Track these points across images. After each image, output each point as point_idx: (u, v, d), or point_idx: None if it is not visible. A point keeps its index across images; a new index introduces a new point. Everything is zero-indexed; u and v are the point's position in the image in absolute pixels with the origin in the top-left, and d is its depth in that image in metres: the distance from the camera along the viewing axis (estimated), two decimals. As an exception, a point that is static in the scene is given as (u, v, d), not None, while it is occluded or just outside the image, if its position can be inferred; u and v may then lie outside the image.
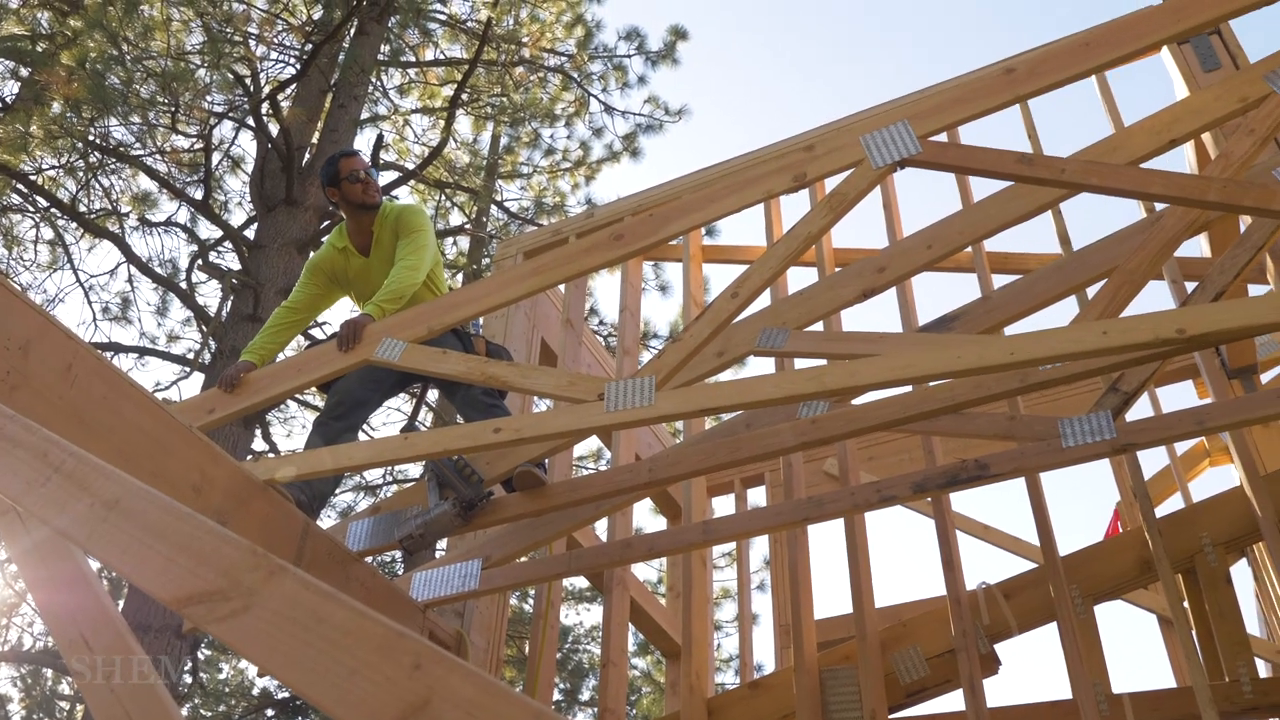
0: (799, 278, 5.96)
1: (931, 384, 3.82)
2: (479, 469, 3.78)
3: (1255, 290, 5.01)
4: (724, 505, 11.36)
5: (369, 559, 4.35)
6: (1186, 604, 3.86)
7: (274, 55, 11.41)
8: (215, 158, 10.90)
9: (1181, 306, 3.86)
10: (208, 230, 11.44)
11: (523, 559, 4.21)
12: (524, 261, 5.42)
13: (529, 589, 6.96)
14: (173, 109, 9.63)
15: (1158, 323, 3.29)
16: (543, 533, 4.01)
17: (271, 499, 3.40)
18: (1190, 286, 4.27)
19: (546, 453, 3.89)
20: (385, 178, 11.72)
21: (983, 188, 4.58)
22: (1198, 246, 5.03)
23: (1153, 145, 3.74)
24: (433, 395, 6.52)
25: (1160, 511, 6.42)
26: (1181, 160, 5.04)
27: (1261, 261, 4.09)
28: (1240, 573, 6.88)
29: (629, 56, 13.42)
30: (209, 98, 10.07)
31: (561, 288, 5.88)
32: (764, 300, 4.73)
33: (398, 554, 6.41)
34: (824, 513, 3.83)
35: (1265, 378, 5.95)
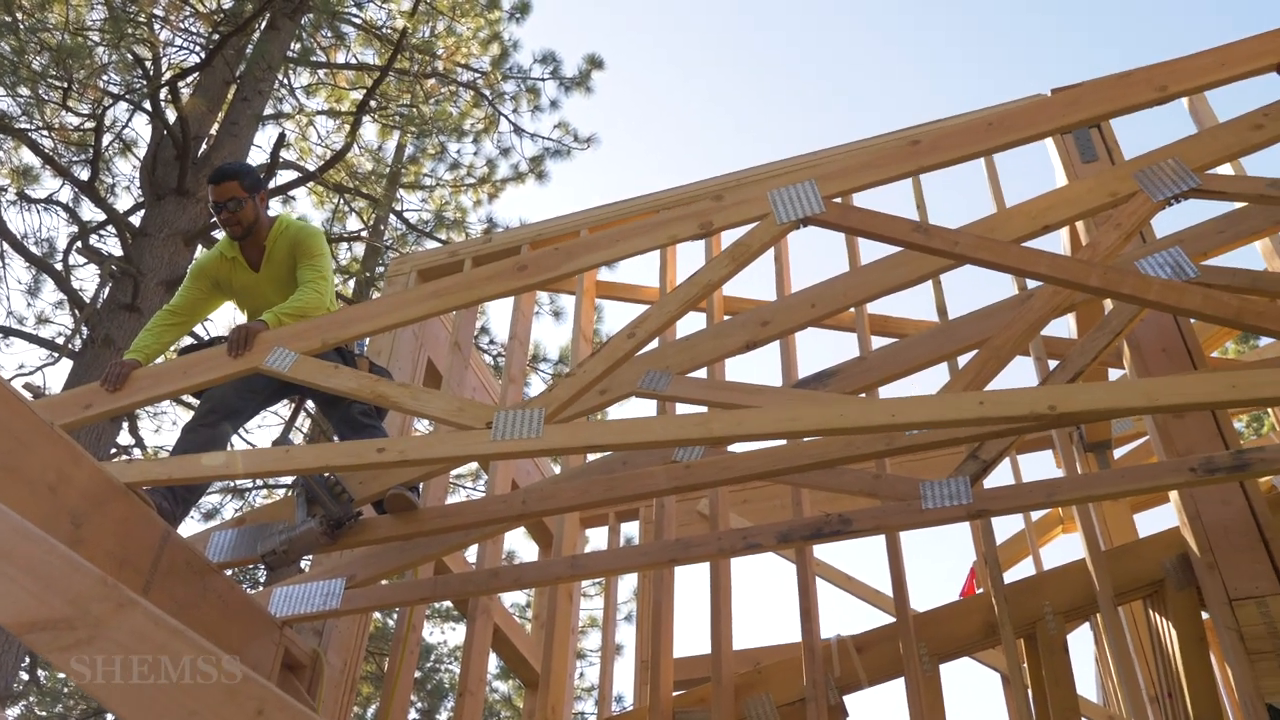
0: (686, 322, 6.04)
1: (805, 439, 3.94)
2: (350, 488, 3.74)
3: (1114, 373, 5.30)
4: (598, 536, 11.36)
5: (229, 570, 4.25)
6: (1026, 667, 4.04)
7: (179, 41, 11.14)
8: (106, 139, 10.54)
9: (1043, 384, 4.06)
10: (91, 212, 11.04)
11: (388, 581, 4.17)
12: (422, 283, 5.40)
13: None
14: (65, 85, 9.29)
15: (1034, 398, 3.47)
16: (410, 556, 3.98)
17: (132, 503, 3.30)
18: (1053, 364, 4.50)
19: (422, 476, 3.87)
20: (284, 176, 11.50)
21: (870, 251, 4.75)
22: (1065, 326, 5.30)
23: (1029, 228, 3.94)
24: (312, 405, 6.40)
25: (1015, 573, 6.75)
26: (1057, 243, 5.31)
27: (1119, 346, 4.31)
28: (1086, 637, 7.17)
29: (543, 80, 13.48)
30: (105, 77, 9.76)
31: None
32: (652, 341, 4.81)
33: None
34: (691, 555, 3.89)
35: (1118, 453, 6.30)
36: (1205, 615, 3.77)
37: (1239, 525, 3.61)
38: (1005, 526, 6.80)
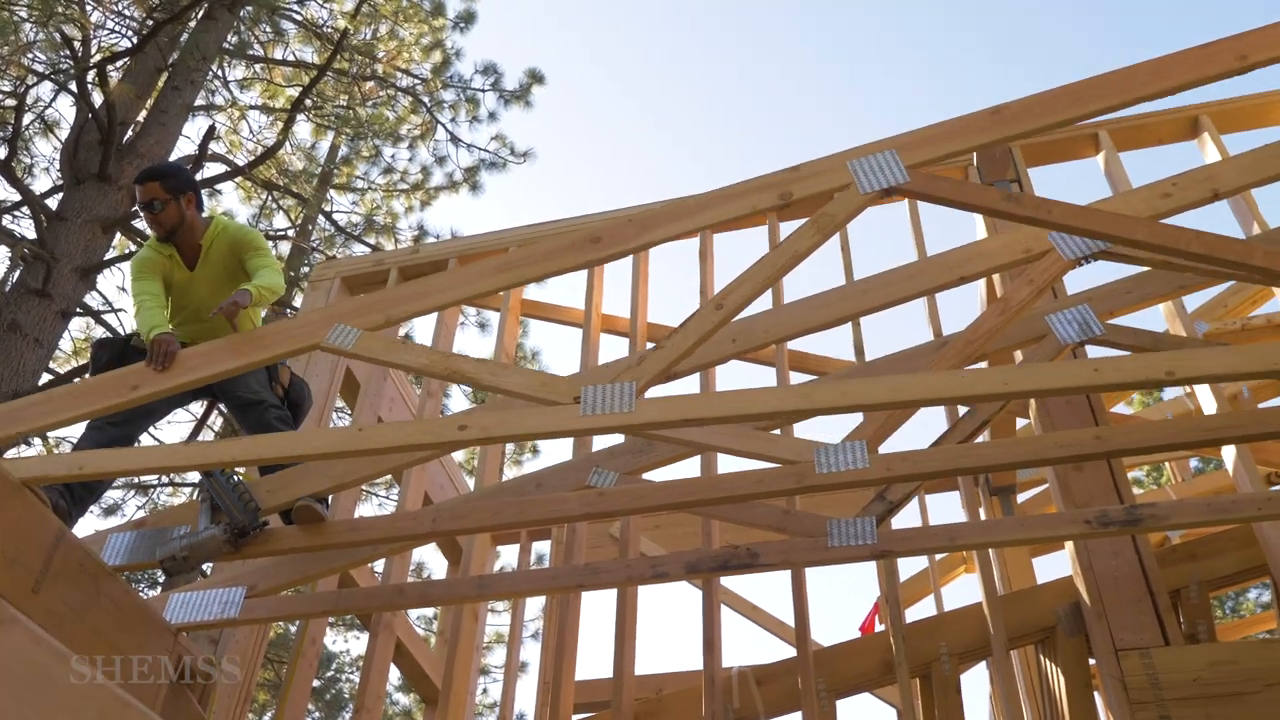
0: (613, 348, 6.07)
1: (719, 474, 3.99)
2: (258, 496, 3.69)
3: (1020, 422, 5.46)
4: (510, 552, 11.26)
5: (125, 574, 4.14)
6: (920, 705, 4.13)
7: (111, 24, 10.88)
8: (27, 118, 10.24)
9: (951, 430, 4.14)
10: (5, 192, 10.71)
11: (290, 592, 4.10)
12: (346, 291, 5.35)
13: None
14: (-13, 59, 9.02)
15: (948, 456, 3.58)
16: (314, 568, 3.93)
17: (26, 501, 3.21)
18: (963, 410, 4.61)
19: (363, 479, 3.83)
20: (212, 169, 11.28)
21: (793, 290, 4.83)
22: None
23: (947, 278, 4.06)
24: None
25: (917, 609, 6.89)
26: (974, 293, 5.45)
27: (1025, 398, 4.44)
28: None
29: (483, 91, 13.45)
30: (31, 55, 9.48)
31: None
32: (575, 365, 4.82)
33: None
34: (599, 581, 3.90)
35: (1022, 497, 6.47)
36: (1093, 663, 3.89)
37: (1128, 577, 3.74)
38: (911, 563, 6.93)
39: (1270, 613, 8.96)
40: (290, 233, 12.71)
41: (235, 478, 3.72)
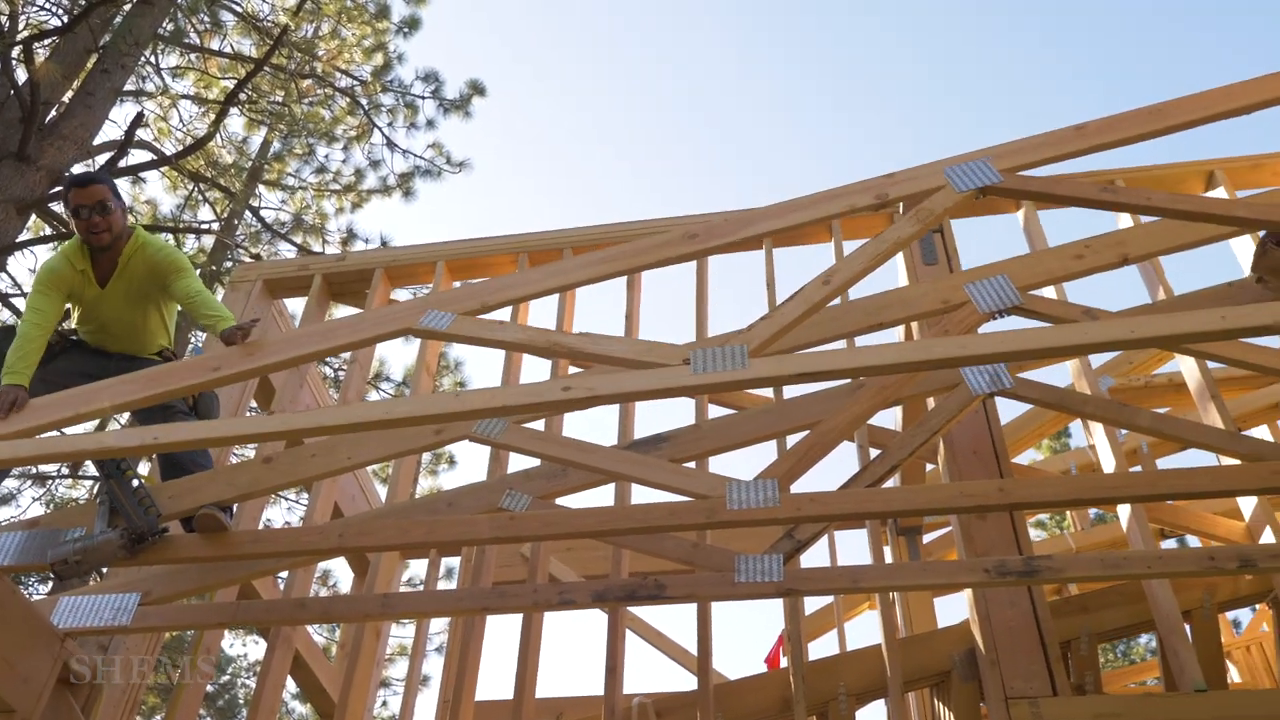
0: (535, 369, 6.04)
1: (631, 505, 4.01)
2: (159, 502, 3.60)
3: (931, 466, 5.57)
4: (419, 565, 11.10)
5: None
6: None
7: (42, 1, 10.57)
8: (-56, 90, 9.89)
9: (862, 472, 4.21)
10: (-84, 164, 10.31)
11: (186, 601, 4.01)
12: (266, 293, 5.26)
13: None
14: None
15: (856, 499, 3.64)
16: (213, 578, 3.85)
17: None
18: (875, 453, 4.69)
19: (246, 494, 3.76)
20: (137, 156, 11.02)
21: (720, 324, 4.88)
22: (892, 417, 5.54)
23: (866, 323, 4.13)
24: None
25: (821, 643, 6.96)
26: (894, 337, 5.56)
27: (937, 443, 4.54)
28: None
29: (423, 98, 13.37)
30: (-47, 25, 9.18)
31: (295, 320, 5.73)
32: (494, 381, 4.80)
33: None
34: (505, 605, 3.88)
35: (929, 537, 6.60)
36: (984, 708, 3.98)
37: (1022, 627, 3.83)
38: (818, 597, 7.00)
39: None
40: (215, 226, 12.45)
41: (137, 481, 3.64)
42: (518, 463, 4.32)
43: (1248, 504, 4.24)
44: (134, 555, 3.53)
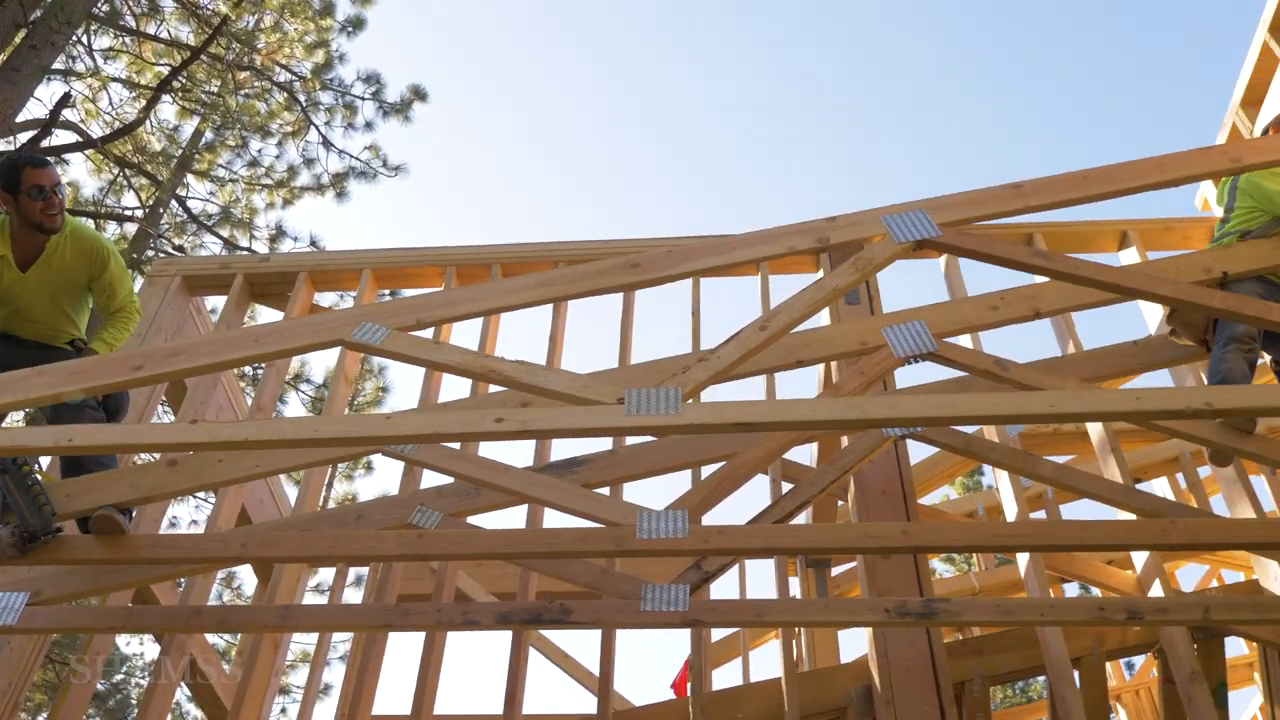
0: (456, 386, 6.01)
1: (543, 529, 4.00)
2: (55, 500, 3.50)
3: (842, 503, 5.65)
4: (326, 572, 10.95)
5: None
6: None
7: (-30, -29, 10.24)
8: None
9: (773, 506, 4.25)
10: None
11: (78, 603, 3.90)
12: (185, 290, 5.16)
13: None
14: None
15: (764, 535, 3.68)
16: (109, 580, 3.75)
17: None
18: (787, 487, 4.75)
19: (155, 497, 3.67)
20: (61, 137, 10.73)
21: (646, 350, 4.91)
22: (808, 453, 5.61)
23: (784, 360, 4.19)
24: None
25: (726, 670, 7.01)
26: (813, 375, 5.64)
27: (848, 481, 4.61)
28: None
29: (363, 99, 13.24)
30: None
31: (212, 321, 5.63)
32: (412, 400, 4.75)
33: None
34: (408, 623, 3.85)
35: (838, 569, 6.69)
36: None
37: (919, 667, 3.90)
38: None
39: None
40: (139, 214, 12.17)
41: (33, 478, 3.53)
42: (432, 477, 4.29)
43: (1140, 556, 4.38)
44: (24, 554, 3.43)
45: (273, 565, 5.65)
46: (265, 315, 11.30)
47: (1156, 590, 4.13)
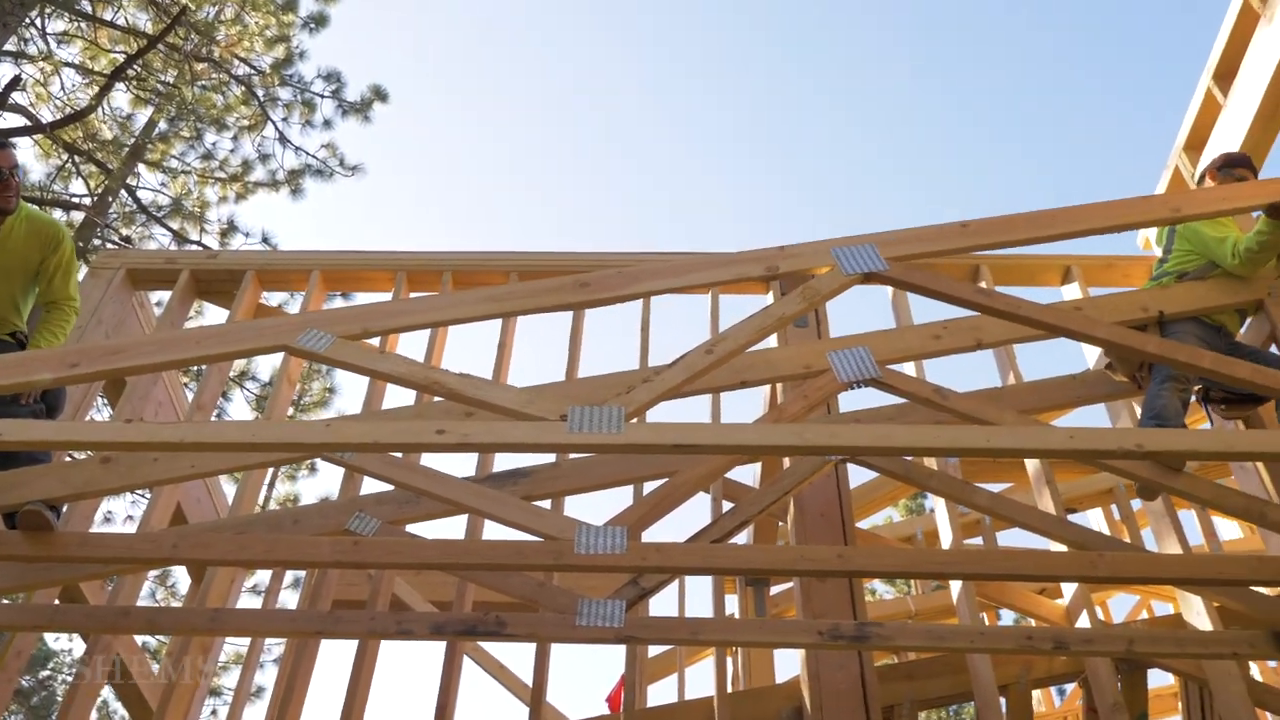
0: (402, 391, 5.97)
1: (482, 539, 3.99)
2: (-19, 495, 3.43)
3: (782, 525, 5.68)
4: (262, 573, 10.76)
5: None
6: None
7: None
8: None
9: (713, 524, 4.27)
10: None
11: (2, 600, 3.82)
12: (128, 283, 5.08)
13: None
14: None
15: (701, 554, 3.70)
16: (36, 578, 3.68)
17: None
18: (728, 505, 4.77)
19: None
20: (9, 120, 10.53)
21: (595, 360, 4.92)
22: (750, 473, 5.65)
23: (730, 380, 4.22)
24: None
25: (662, 686, 7.02)
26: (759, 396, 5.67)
27: (787, 503, 4.65)
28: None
29: (322, 96, 13.14)
30: None
31: (155, 314, 5.55)
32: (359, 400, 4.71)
33: None
34: (340, 631, 3.81)
35: (777, 589, 6.72)
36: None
37: (849, 690, 3.94)
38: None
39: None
40: (86, 202, 11.96)
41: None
42: (373, 483, 4.26)
43: (1069, 586, 4.46)
44: (-54, 548, 3.36)
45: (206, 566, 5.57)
46: (211, 311, 11.16)
47: (1083, 621, 4.22)
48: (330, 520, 4.14)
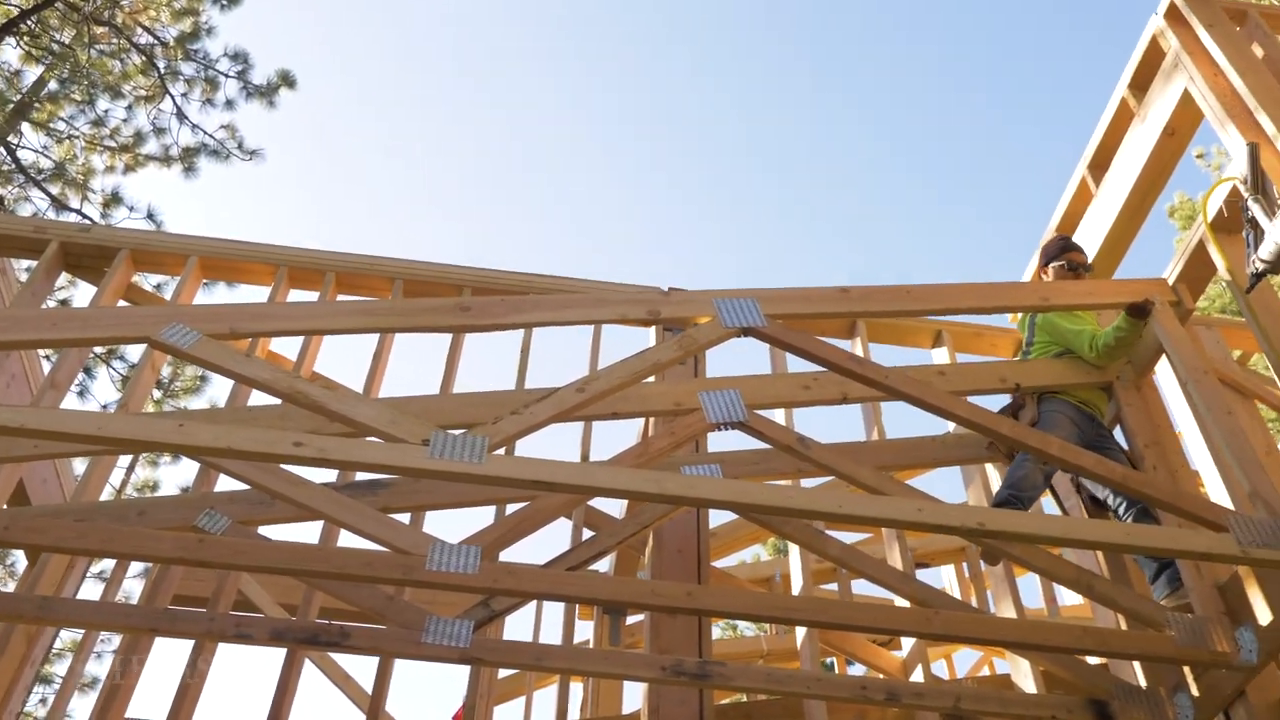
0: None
1: (337, 546, 3.93)
2: None
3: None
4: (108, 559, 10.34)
5: None
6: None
7: None
8: None
9: (571, 551, 4.29)
10: None
11: None
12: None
13: None
14: None
15: (553, 580, 3.72)
16: None
17: None
18: (588, 534, 4.80)
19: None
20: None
21: (473, 376, 4.90)
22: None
23: (603, 410, 4.26)
24: None
25: (510, 706, 6.97)
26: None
27: (646, 536, 4.70)
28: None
29: (227, 76, 12.82)
30: None
31: (20, 281, 5.34)
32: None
33: None
34: (176, 629, 3.72)
35: (634, 618, 6.75)
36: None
37: (687, 726, 3.99)
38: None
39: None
40: (-39, 156, 11.43)
41: None
42: (224, 485, 4.17)
43: (909, 640, 4.61)
44: None
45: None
46: (79, 288, 10.74)
47: (917, 675, 4.36)
48: (179, 514, 4.04)
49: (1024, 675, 4.34)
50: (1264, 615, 3.52)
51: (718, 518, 6.23)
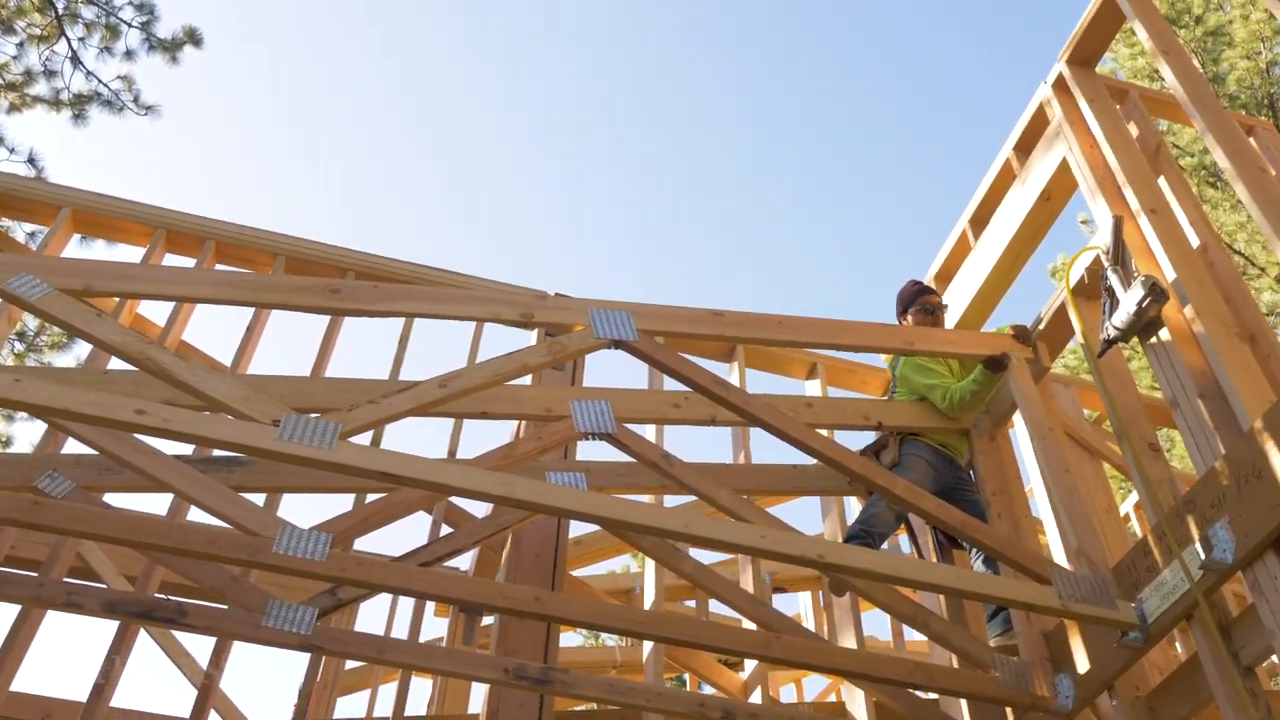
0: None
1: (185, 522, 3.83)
2: None
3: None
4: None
5: None
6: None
7: None
8: None
9: (429, 545, 4.25)
10: None
11: None
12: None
13: None
14: None
15: (402, 574, 3.68)
16: None
17: None
18: (447, 530, 4.78)
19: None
20: None
21: (348, 360, 4.84)
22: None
23: (470, 410, 4.24)
24: None
25: (355, 698, 6.86)
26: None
27: (506, 538, 4.70)
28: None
29: (130, 25, 12.35)
30: None
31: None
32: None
33: None
34: (3, 594, 3.58)
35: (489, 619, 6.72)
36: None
37: (526, 730, 4.01)
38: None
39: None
40: None
41: None
42: (72, 449, 4.03)
43: (751, 662, 4.70)
44: None
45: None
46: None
47: (756, 697, 4.45)
48: (19, 473, 3.90)
49: (858, 705, 4.47)
50: (1083, 664, 3.69)
51: (584, 526, 6.27)
